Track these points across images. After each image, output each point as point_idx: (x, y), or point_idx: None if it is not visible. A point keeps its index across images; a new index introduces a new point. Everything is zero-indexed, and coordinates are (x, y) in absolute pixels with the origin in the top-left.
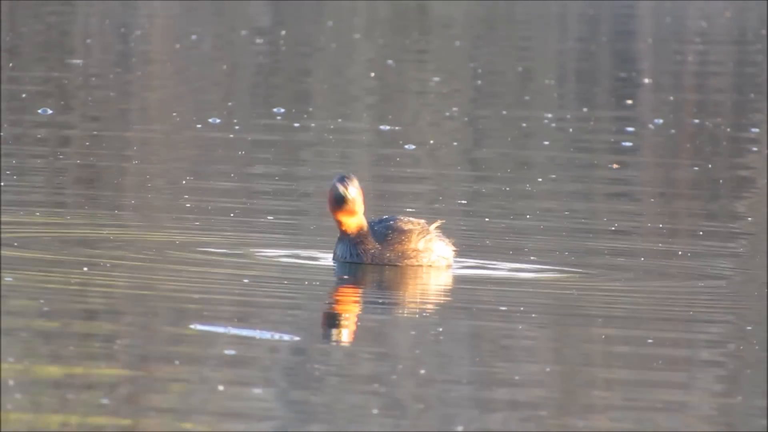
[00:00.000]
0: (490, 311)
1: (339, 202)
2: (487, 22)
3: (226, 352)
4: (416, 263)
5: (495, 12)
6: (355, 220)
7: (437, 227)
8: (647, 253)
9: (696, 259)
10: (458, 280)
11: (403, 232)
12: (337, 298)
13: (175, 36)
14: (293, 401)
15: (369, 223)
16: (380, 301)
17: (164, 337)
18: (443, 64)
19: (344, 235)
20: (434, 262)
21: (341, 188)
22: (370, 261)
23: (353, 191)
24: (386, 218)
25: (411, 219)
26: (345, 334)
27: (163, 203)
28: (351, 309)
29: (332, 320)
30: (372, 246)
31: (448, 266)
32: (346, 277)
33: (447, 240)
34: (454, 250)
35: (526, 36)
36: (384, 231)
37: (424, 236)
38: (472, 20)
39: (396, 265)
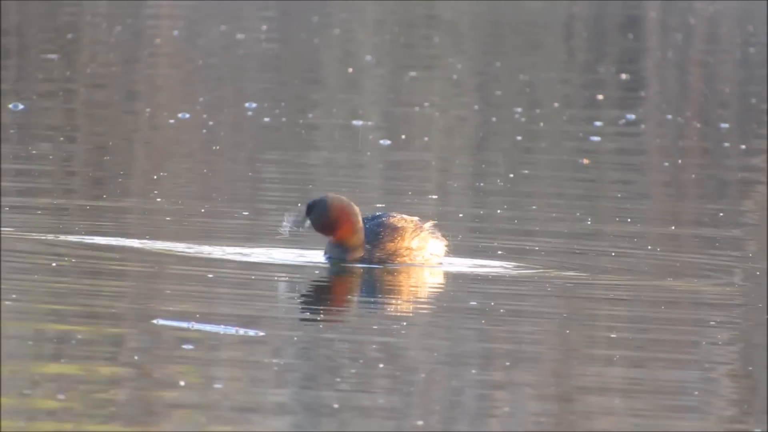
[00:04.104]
0: (481, 310)
1: (325, 230)
2: (476, 21)
3: (185, 346)
4: (409, 261)
5: (490, 11)
6: (353, 239)
7: (431, 225)
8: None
9: (669, 253)
10: (447, 277)
11: (395, 229)
12: (311, 295)
13: (156, 32)
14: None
15: (362, 219)
16: (367, 299)
17: (130, 333)
18: (422, 59)
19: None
20: (427, 260)
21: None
22: (360, 260)
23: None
24: (378, 215)
25: (404, 216)
26: (313, 329)
27: (136, 200)
28: (324, 305)
29: (300, 315)
30: (361, 251)
31: (439, 263)
32: (327, 275)
33: (440, 237)
34: (446, 246)
35: (512, 34)
36: (375, 229)
37: (417, 234)
38: (459, 18)
39: (387, 264)
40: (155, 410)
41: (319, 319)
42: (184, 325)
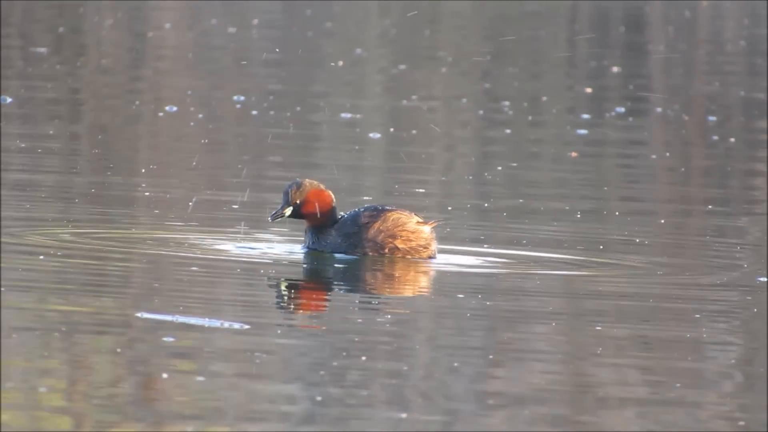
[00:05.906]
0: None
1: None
2: (473, 16)
3: (168, 339)
4: (371, 253)
5: (488, 7)
6: (319, 216)
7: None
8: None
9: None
10: (430, 269)
11: (366, 219)
12: (291, 288)
13: (148, 26)
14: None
15: (351, 211)
16: (351, 291)
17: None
18: (412, 52)
19: (308, 225)
20: (411, 250)
21: (278, 211)
22: (329, 250)
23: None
24: (361, 208)
25: (387, 206)
26: (293, 323)
27: (122, 193)
28: (302, 298)
29: (281, 308)
30: (329, 235)
31: (429, 257)
32: (312, 268)
33: (429, 228)
34: (433, 237)
35: (506, 27)
36: (347, 220)
37: (387, 228)
38: (454, 14)
39: (367, 253)
40: (141, 406)
41: (304, 311)
42: (168, 318)
